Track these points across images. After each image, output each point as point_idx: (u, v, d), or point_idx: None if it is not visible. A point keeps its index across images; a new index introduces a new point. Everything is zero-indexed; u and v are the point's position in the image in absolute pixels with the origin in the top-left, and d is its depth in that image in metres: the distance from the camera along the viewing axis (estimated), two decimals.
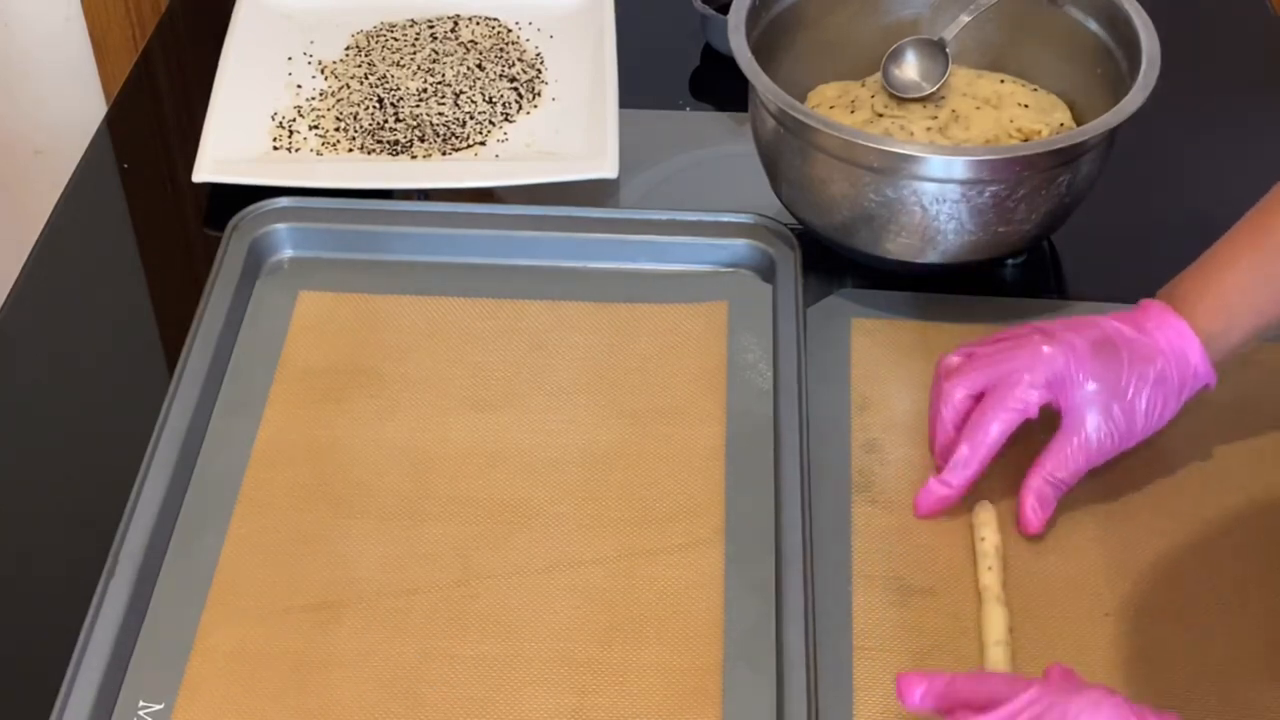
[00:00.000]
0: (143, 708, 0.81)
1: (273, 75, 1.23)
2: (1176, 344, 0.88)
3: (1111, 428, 0.88)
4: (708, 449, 0.94)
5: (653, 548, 0.89)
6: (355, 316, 1.03)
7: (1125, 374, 0.87)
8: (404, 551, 0.89)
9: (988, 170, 0.97)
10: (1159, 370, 0.88)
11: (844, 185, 1.00)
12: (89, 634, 0.82)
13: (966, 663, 0.83)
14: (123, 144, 1.21)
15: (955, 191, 0.97)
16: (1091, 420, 0.88)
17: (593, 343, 1.02)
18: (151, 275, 1.11)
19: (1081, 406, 0.88)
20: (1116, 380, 0.87)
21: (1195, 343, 0.88)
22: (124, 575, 0.85)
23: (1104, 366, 0.87)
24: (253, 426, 0.95)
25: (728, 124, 1.23)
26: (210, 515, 0.90)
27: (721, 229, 1.07)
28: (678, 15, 1.31)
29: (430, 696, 0.82)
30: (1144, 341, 0.88)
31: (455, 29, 1.28)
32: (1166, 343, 0.88)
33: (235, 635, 0.84)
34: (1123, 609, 0.86)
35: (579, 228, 1.07)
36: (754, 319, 1.02)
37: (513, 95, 1.21)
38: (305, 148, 1.16)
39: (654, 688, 0.82)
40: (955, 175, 0.97)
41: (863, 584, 0.87)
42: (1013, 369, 0.88)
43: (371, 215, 1.08)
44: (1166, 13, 1.07)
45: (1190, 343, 0.88)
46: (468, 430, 0.96)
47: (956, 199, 0.98)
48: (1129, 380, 0.87)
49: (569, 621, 0.85)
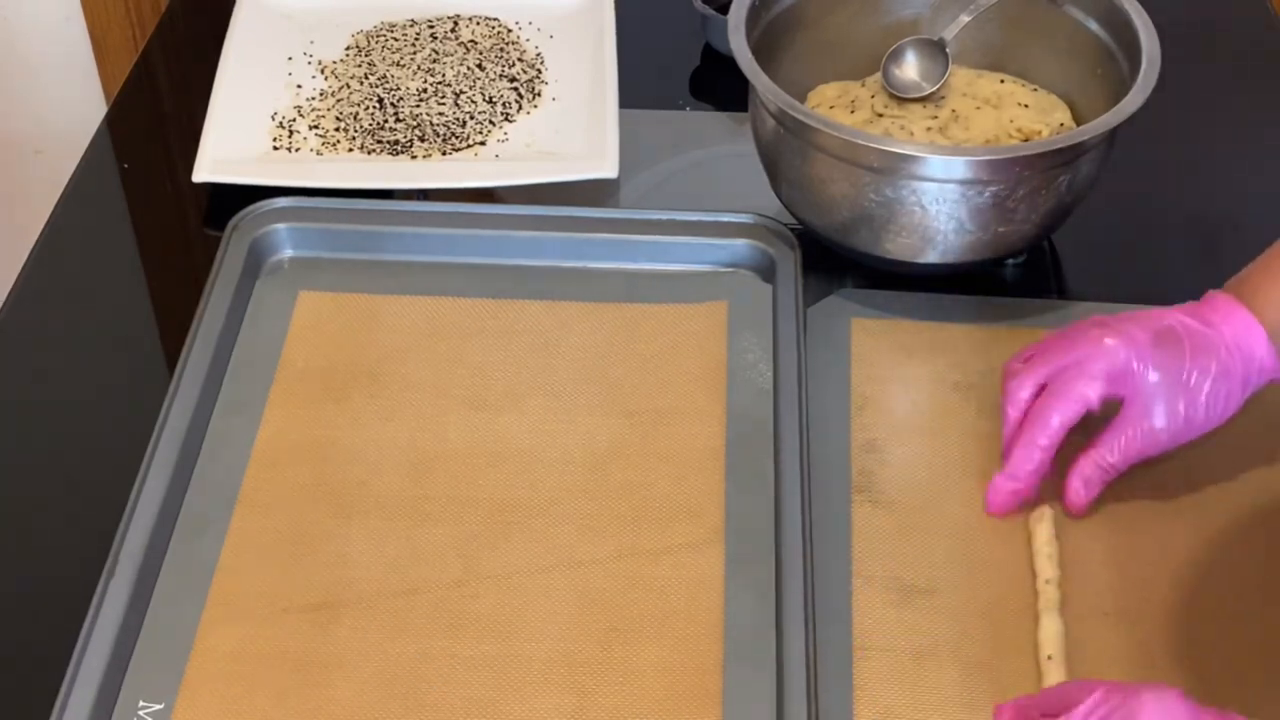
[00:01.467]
0: (143, 708, 0.81)
1: (273, 75, 1.23)
2: (1242, 336, 0.87)
3: (1172, 419, 0.87)
4: (708, 449, 0.94)
5: (653, 548, 0.88)
6: (355, 316, 1.03)
7: (1188, 366, 0.86)
8: (404, 551, 0.89)
9: (988, 170, 0.97)
10: (1222, 363, 0.86)
11: (844, 185, 1.00)
12: (89, 634, 0.82)
13: (966, 663, 0.83)
14: (123, 144, 1.21)
15: (955, 191, 0.97)
16: (1153, 409, 0.87)
17: (593, 343, 1.01)
18: (151, 275, 1.11)
19: (1143, 396, 0.87)
20: (1179, 372, 0.86)
21: (1261, 335, 0.86)
22: (124, 575, 0.85)
23: (1166, 357, 0.86)
24: (253, 427, 0.95)
25: (728, 124, 1.23)
26: (210, 515, 0.90)
27: (721, 229, 1.07)
28: (678, 15, 1.31)
29: (430, 697, 0.82)
30: (1208, 334, 0.87)
31: (455, 29, 1.28)
32: (1231, 335, 0.87)
33: (235, 635, 0.84)
34: (1123, 609, 0.86)
35: (579, 228, 1.07)
36: (754, 319, 1.02)
37: (513, 95, 1.21)
38: (305, 148, 1.16)
39: (654, 688, 0.82)
40: (955, 175, 0.97)
41: (863, 584, 0.87)
42: (1073, 361, 0.88)
43: (371, 215, 1.08)
44: (1167, 12, 1.07)
45: (1256, 335, 0.87)
46: (467, 430, 0.96)
47: (956, 199, 0.98)
48: (1191, 372, 0.86)
49: (569, 622, 0.85)
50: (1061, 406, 0.87)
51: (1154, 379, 0.86)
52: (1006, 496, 0.89)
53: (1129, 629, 0.85)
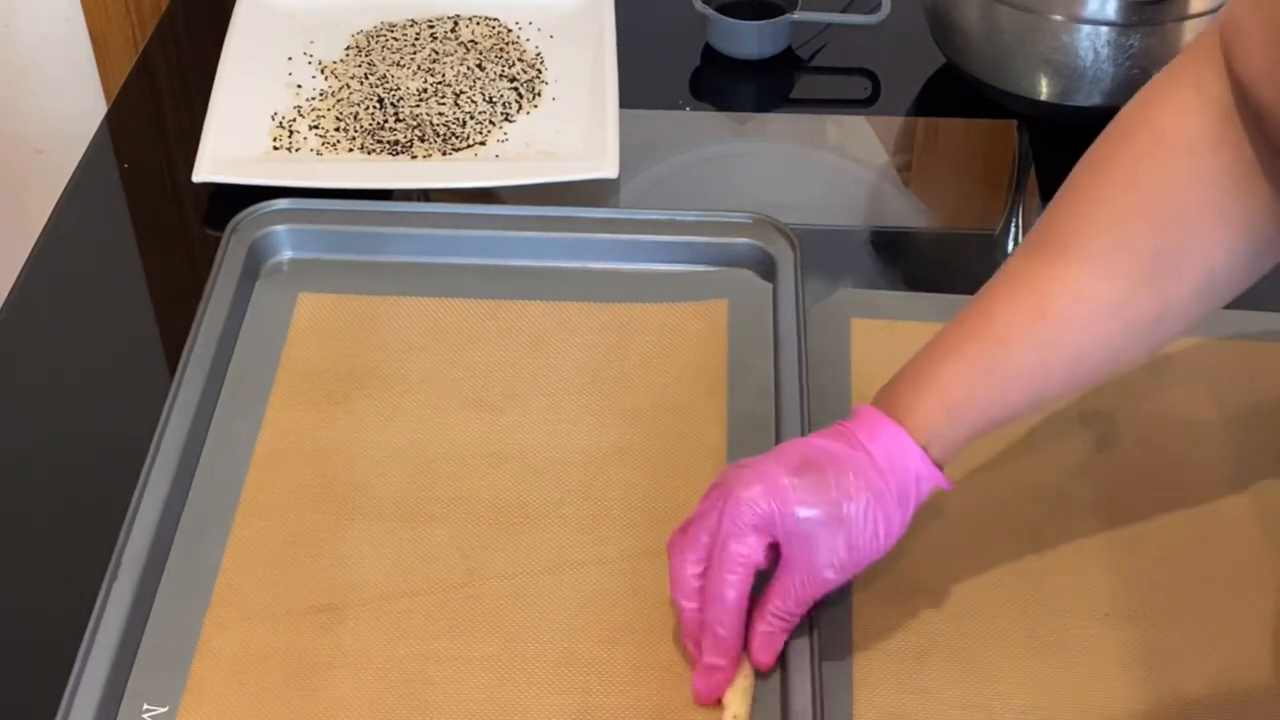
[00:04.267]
0: (147, 711, 0.81)
1: (273, 75, 1.23)
2: (891, 451, 0.80)
3: (832, 554, 0.79)
4: (708, 449, 0.95)
5: (655, 548, 0.88)
6: (355, 318, 1.03)
7: (835, 494, 0.79)
8: (406, 553, 0.89)
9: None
10: (873, 485, 0.79)
11: None
12: (92, 637, 0.82)
13: (966, 663, 0.84)
14: (123, 144, 1.21)
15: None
16: (810, 550, 0.79)
17: (593, 343, 1.02)
18: (151, 275, 1.11)
19: (798, 539, 0.79)
20: (828, 505, 0.79)
21: (913, 447, 0.80)
22: (127, 578, 0.85)
23: (811, 492, 0.79)
24: (254, 429, 0.95)
25: (728, 124, 1.23)
26: (212, 517, 0.90)
27: (721, 229, 1.07)
28: (678, 15, 1.31)
29: (434, 698, 0.82)
30: (853, 456, 0.80)
31: (455, 29, 1.28)
32: (880, 452, 0.80)
33: (238, 637, 0.84)
34: (1123, 609, 0.86)
35: (579, 228, 1.07)
36: (754, 318, 1.02)
37: (513, 95, 1.21)
38: (305, 148, 1.16)
39: (658, 688, 0.82)
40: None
41: (863, 584, 0.87)
42: (720, 525, 0.80)
43: (371, 216, 1.08)
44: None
45: (907, 448, 0.80)
46: (468, 431, 0.96)
47: None
48: (839, 500, 0.79)
49: (572, 622, 0.85)
50: (731, 580, 0.79)
51: (803, 518, 0.79)
52: (719, 685, 0.81)
53: (1129, 629, 0.85)
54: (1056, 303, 0.79)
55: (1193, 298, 0.79)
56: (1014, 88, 1.20)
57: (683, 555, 0.81)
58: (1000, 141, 1.22)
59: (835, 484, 0.79)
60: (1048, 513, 0.91)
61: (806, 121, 1.26)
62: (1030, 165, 1.19)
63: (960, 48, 1.22)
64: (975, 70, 1.22)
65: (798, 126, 1.26)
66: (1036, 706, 0.82)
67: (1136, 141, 0.79)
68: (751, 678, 0.82)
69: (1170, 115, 0.78)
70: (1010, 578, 0.88)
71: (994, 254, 1.13)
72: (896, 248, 1.15)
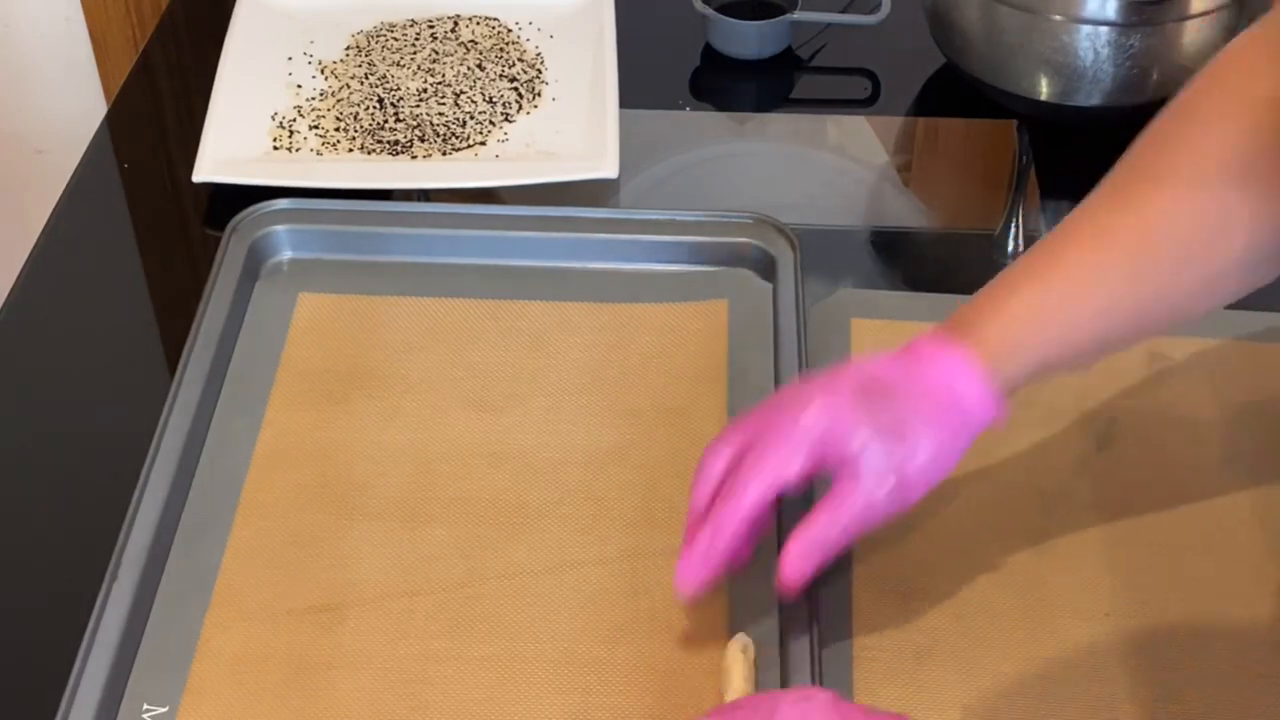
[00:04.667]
0: (147, 711, 0.81)
1: (273, 75, 1.23)
2: (951, 379, 0.78)
3: (886, 476, 0.77)
4: None
5: (655, 548, 0.89)
6: (355, 318, 1.03)
7: (892, 418, 0.77)
8: (406, 553, 0.89)
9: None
10: (929, 411, 0.78)
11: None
12: (92, 637, 0.82)
13: (967, 662, 0.84)
14: (123, 144, 1.21)
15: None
16: (861, 473, 0.77)
17: (593, 343, 1.02)
18: (151, 275, 1.11)
19: (853, 458, 0.77)
20: (884, 426, 0.77)
21: (973, 377, 0.78)
22: (126, 578, 0.85)
23: (868, 414, 0.77)
24: (254, 429, 0.95)
25: (728, 124, 1.23)
26: (212, 518, 0.90)
27: (721, 229, 1.07)
28: (678, 15, 1.31)
29: (434, 698, 0.82)
30: (913, 381, 0.79)
31: (455, 29, 1.28)
32: (938, 379, 0.78)
33: (238, 638, 0.84)
34: (1123, 609, 0.86)
35: (579, 228, 1.07)
36: (754, 318, 1.02)
37: (513, 95, 1.21)
38: (305, 148, 1.16)
39: (657, 688, 0.82)
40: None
41: (863, 584, 0.87)
42: (766, 434, 0.78)
43: (371, 216, 1.08)
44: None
45: (967, 377, 0.78)
46: (469, 431, 0.96)
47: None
48: (896, 425, 0.77)
49: (572, 622, 0.85)
50: (756, 480, 0.77)
51: (862, 437, 0.77)
52: (697, 583, 0.80)
53: (1129, 629, 0.85)
54: (1153, 235, 0.80)
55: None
56: (1014, 88, 1.20)
57: (715, 450, 0.80)
58: (1000, 141, 1.22)
59: (894, 407, 0.78)
60: (1048, 513, 0.91)
61: (806, 121, 1.26)
62: (1030, 165, 1.19)
63: (960, 48, 1.22)
64: (975, 70, 1.22)
65: (798, 126, 1.26)
66: (1036, 706, 0.82)
67: (1215, 96, 0.80)
68: (754, 664, 0.82)
69: (1246, 79, 0.79)
70: (1010, 578, 0.88)
71: (994, 254, 1.13)
72: (896, 248, 1.15)
